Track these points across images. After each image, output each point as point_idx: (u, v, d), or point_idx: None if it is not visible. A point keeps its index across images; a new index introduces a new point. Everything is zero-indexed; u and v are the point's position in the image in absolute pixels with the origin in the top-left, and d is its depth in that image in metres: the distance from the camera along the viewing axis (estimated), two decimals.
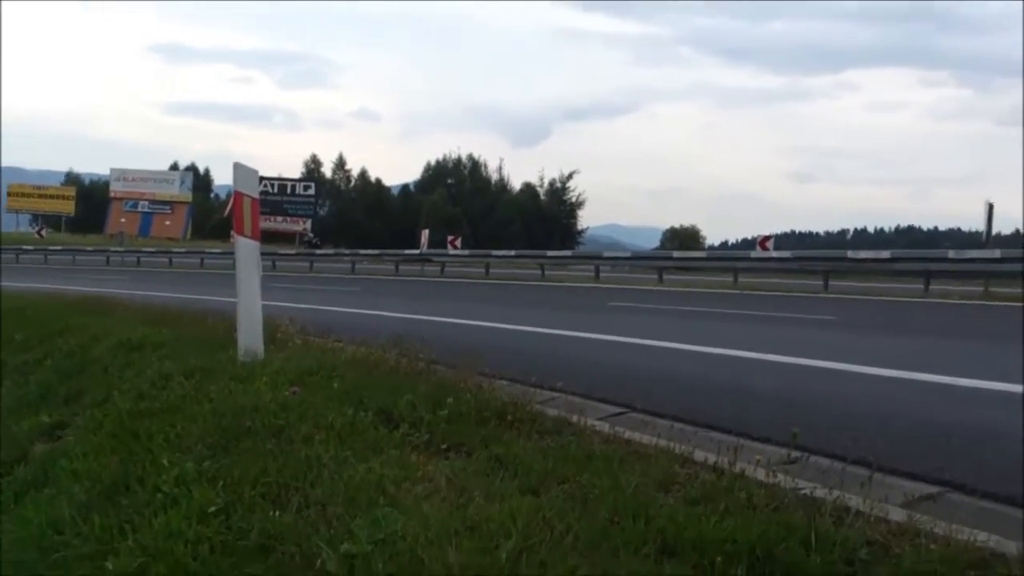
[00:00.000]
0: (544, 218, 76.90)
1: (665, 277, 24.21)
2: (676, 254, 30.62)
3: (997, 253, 18.91)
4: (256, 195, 5.60)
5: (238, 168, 5.52)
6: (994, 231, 22.16)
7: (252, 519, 2.73)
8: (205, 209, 73.31)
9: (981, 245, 21.05)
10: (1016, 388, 5.39)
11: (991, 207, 21.41)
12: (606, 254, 30.07)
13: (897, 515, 2.67)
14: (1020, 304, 15.35)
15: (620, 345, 8.24)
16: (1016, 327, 11.68)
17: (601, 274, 26.13)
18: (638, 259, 28.83)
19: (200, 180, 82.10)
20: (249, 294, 5.43)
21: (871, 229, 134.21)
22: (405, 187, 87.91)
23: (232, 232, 5.53)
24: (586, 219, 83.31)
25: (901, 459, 3.55)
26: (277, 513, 2.75)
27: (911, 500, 2.98)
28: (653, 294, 18.50)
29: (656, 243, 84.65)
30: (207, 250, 40.43)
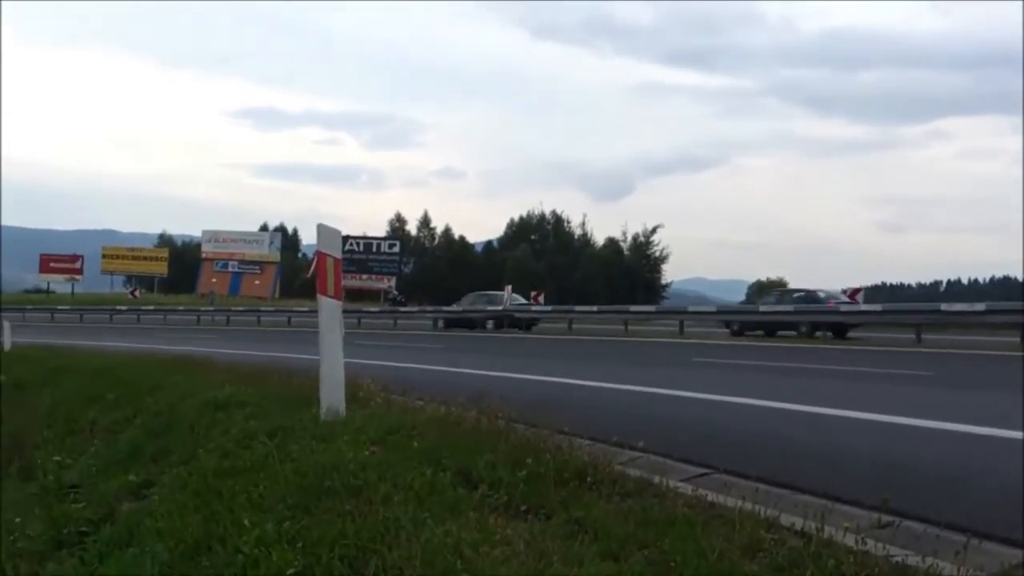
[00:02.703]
0: (627, 273, 76.51)
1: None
2: (763, 307, 30.02)
3: None
4: (339, 255, 5.72)
5: (321, 229, 5.65)
6: None
7: None
8: (293, 268, 75.22)
9: None
10: None
11: None
12: (690, 308, 29.71)
13: None
14: None
15: (703, 402, 8.08)
16: None
17: (686, 329, 25.79)
18: (723, 313, 28.35)
19: (288, 240, 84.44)
20: (332, 353, 5.52)
21: (965, 280, 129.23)
22: (489, 244, 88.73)
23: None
24: (670, 273, 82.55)
25: (999, 524, 3.36)
26: None
27: (1008, 568, 2.81)
28: (739, 349, 18.16)
29: (742, 296, 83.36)
30: (294, 309, 41.46)
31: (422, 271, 79.37)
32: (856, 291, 24.18)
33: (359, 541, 3.02)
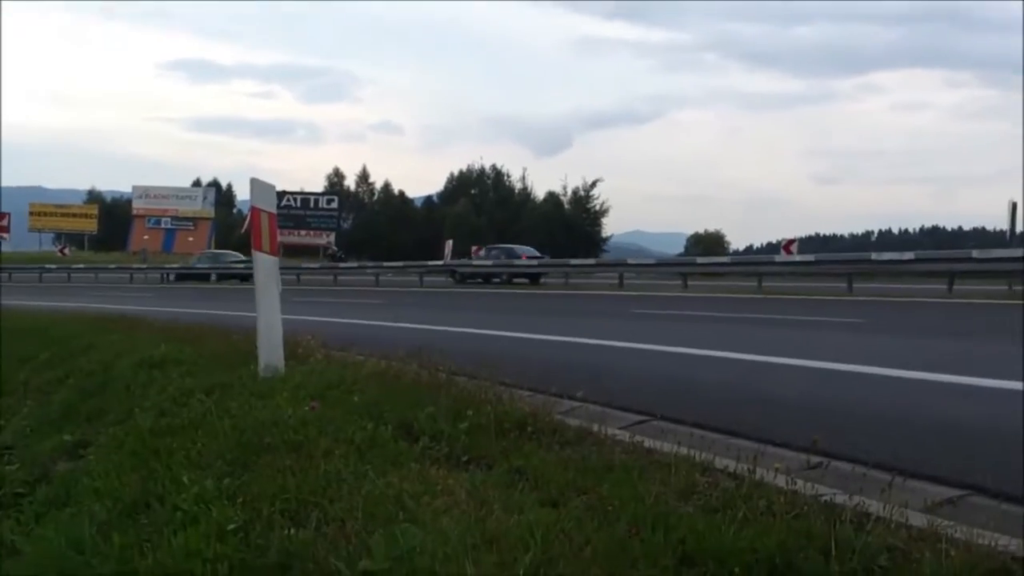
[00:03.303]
0: (568, 226, 76.70)
1: (689, 283, 24.15)
2: (700, 260, 30.55)
3: (1021, 252, 18.67)
4: (273, 210, 5.63)
5: (255, 184, 5.55)
6: (1018, 230, 21.96)
7: (271, 537, 2.73)
8: (228, 225, 73.84)
9: (1005, 244, 20.84)
10: None
11: (1015, 206, 21.24)
12: (630, 261, 30.01)
13: (918, 520, 2.62)
14: None
15: (643, 352, 8.20)
16: None
17: (625, 281, 26.06)
18: (662, 266, 28.72)
19: (222, 196, 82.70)
20: (269, 309, 5.46)
21: (895, 230, 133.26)
22: (429, 199, 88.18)
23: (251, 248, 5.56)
24: (610, 226, 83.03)
25: (924, 463, 3.50)
26: (296, 530, 2.75)
27: (932, 505, 2.92)
28: (677, 300, 18.43)
29: (681, 249, 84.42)
30: (231, 265, 40.77)
31: (361, 227, 78.53)
32: (790, 242, 24.67)
33: (300, 495, 3.03)
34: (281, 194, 57.79)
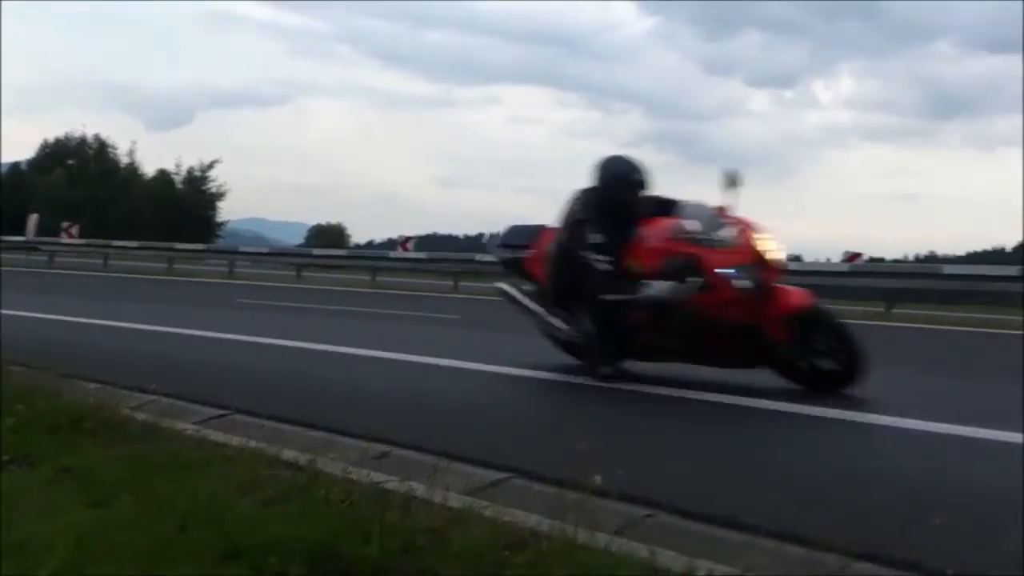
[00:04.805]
0: (181, 208, 72.51)
1: (304, 274, 24.07)
2: (316, 251, 30.65)
3: None
4: None
5: None
6: None
7: None
8: None
9: None
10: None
11: None
12: (242, 249, 29.14)
13: (458, 502, 2.83)
14: None
15: (234, 344, 7.97)
16: None
17: (237, 269, 25.23)
18: (276, 255, 28.26)
19: None
20: None
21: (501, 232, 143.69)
22: (16, 165, 78.31)
23: None
24: (228, 211, 79.71)
25: (484, 449, 3.75)
26: None
27: (477, 487, 3.18)
28: (288, 291, 18.25)
29: (302, 239, 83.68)
30: None
31: None
32: (407, 239, 25.49)
33: None
34: None
